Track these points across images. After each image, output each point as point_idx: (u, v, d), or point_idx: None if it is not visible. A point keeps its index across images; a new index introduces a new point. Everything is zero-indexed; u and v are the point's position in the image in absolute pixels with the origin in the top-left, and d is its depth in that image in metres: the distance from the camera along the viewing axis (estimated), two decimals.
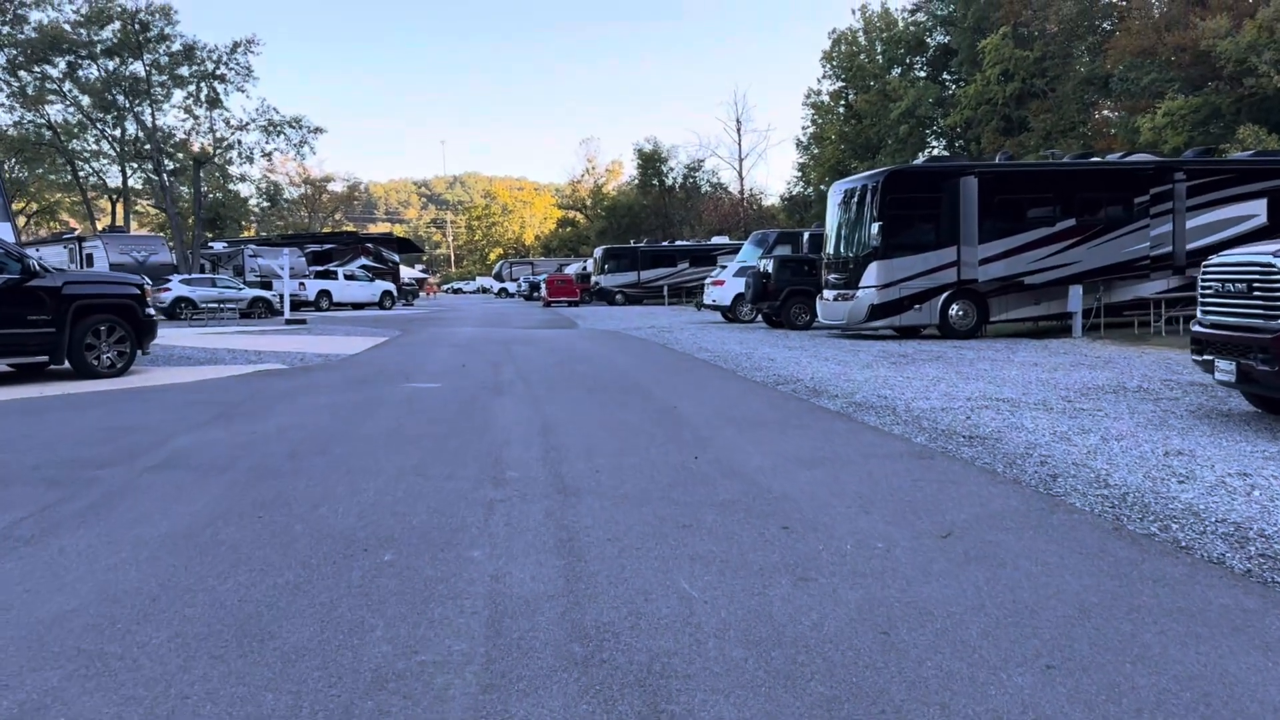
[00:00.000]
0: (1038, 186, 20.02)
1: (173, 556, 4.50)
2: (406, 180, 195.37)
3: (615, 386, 11.43)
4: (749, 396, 10.43)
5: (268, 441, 7.62)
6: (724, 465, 6.44)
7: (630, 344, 19.30)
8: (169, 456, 7.02)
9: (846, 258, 20.61)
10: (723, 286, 28.70)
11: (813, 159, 68.43)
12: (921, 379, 11.73)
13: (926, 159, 21.89)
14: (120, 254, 38.87)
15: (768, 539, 4.63)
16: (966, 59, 53.75)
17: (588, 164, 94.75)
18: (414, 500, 5.50)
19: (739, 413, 9.02)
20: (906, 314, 19.53)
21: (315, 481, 6.04)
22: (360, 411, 9.35)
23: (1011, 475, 6.16)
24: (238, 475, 6.30)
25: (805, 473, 6.15)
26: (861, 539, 4.61)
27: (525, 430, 8.05)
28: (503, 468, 6.43)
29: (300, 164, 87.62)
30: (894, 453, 6.90)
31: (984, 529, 4.80)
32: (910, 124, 56.04)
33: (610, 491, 5.69)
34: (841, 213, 21.07)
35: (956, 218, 19.48)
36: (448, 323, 31.08)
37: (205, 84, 45.11)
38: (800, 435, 7.69)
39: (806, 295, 24.35)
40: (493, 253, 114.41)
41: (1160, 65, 39.27)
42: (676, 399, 10.13)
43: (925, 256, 19.48)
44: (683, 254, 48.82)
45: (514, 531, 4.81)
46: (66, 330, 12.59)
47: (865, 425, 8.24)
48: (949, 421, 8.32)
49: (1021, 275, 19.44)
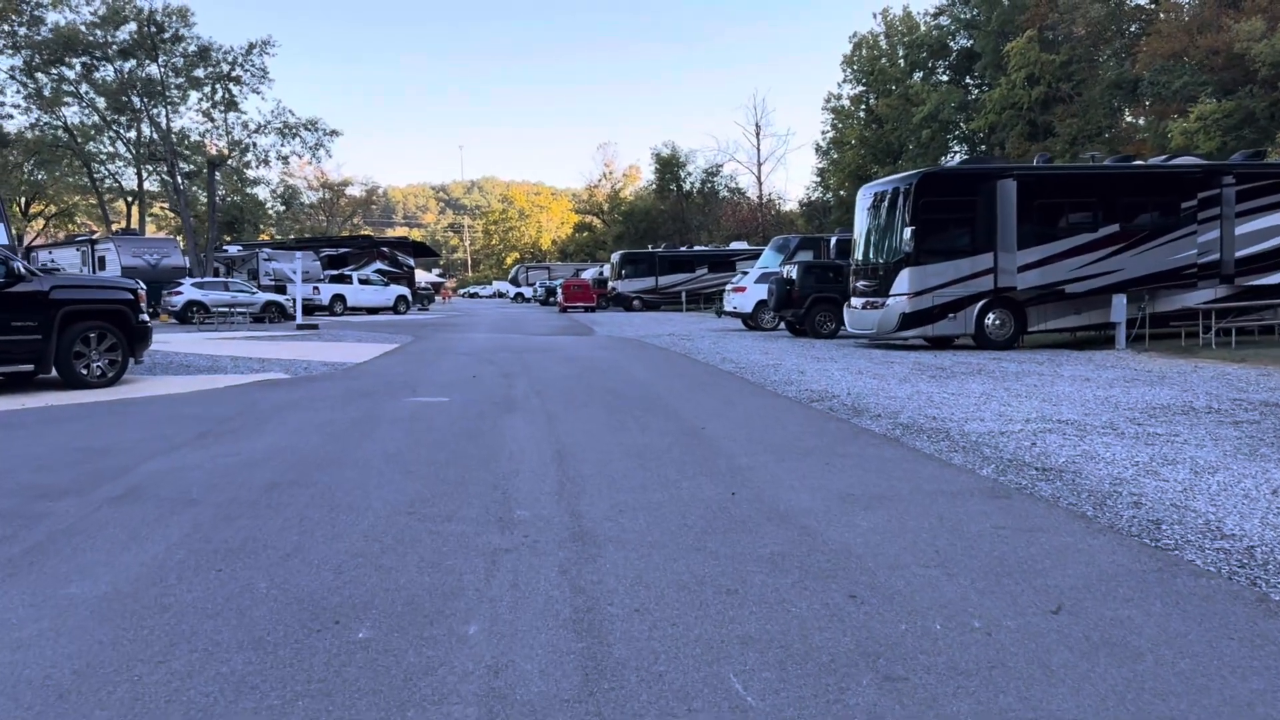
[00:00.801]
0: (1079, 190, 19.03)
1: (104, 627, 3.67)
2: (424, 185, 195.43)
3: (636, 402, 10.56)
4: (783, 416, 9.54)
5: (249, 467, 6.79)
6: (766, 504, 5.56)
7: (650, 353, 18.44)
8: (135, 486, 6.20)
9: (876, 264, 19.68)
10: (744, 293, 27.78)
11: (832, 164, 67.51)
12: (968, 396, 10.80)
13: (961, 161, 20.87)
14: (133, 257, 38.35)
15: (833, 611, 3.74)
16: (991, 63, 52.69)
17: (605, 168, 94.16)
18: (404, 549, 4.65)
19: (775, 436, 8.13)
20: (940, 323, 18.57)
21: (292, 521, 5.20)
22: (357, 431, 8.52)
23: (1105, 520, 5.25)
24: (206, 511, 5.47)
25: (863, 516, 5.26)
26: (951, 614, 3.72)
27: (538, 456, 7.19)
28: (511, 505, 5.57)
29: (318, 168, 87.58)
30: (962, 489, 5.99)
31: (1099, 600, 3.90)
32: (933, 128, 55.00)
33: (636, 539, 4.82)
34: (871, 217, 20.14)
35: (993, 222, 18.52)
36: (461, 329, 30.31)
37: (220, 86, 44.59)
38: (848, 466, 6.79)
39: (832, 303, 23.44)
40: (509, 257, 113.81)
41: (1192, 68, 38.21)
42: (704, 418, 9.25)
43: (960, 263, 18.52)
44: (701, 259, 47.88)
45: (521, 597, 3.94)
46: (53, 337, 11.84)
47: (919, 453, 7.33)
48: (1013, 449, 7.41)
49: (1062, 283, 18.45)
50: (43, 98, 45.97)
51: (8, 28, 44.50)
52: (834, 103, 67.89)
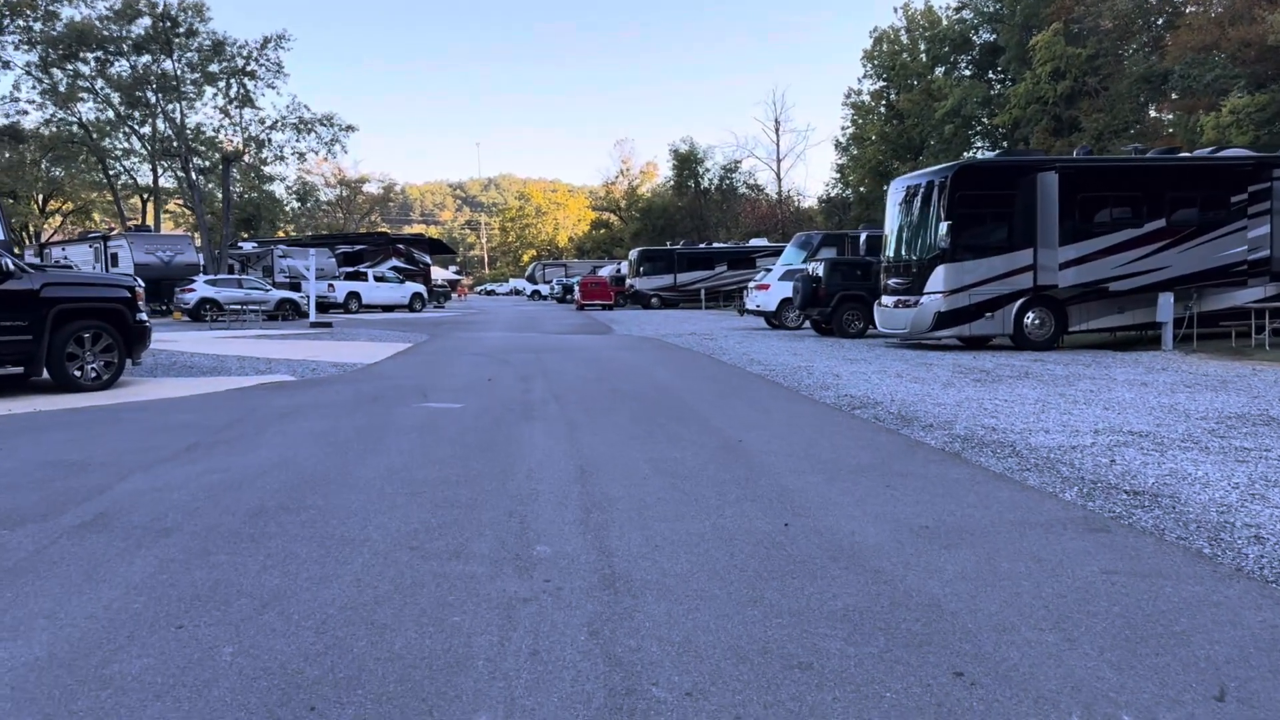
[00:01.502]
0: (1124, 183, 18.11)
1: (23, 713, 2.93)
2: (442, 183, 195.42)
3: (664, 409, 9.79)
4: (826, 426, 8.74)
5: (237, 487, 6.06)
6: (826, 538, 4.78)
7: (673, 354, 17.65)
8: (105, 510, 5.48)
9: (909, 261, 18.82)
10: (768, 291, 26.94)
11: (852, 160, 66.56)
12: (1022, 403, 9.97)
13: (999, 153, 19.98)
14: (146, 254, 37.90)
15: (938, 697, 2.96)
16: (1015, 57, 51.54)
17: (622, 165, 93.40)
18: (402, 599, 3.90)
19: (822, 451, 7.33)
20: (976, 323, 17.71)
21: (274, 560, 4.46)
22: (360, 442, 7.78)
23: (1228, 561, 4.44)
24: (179, 544, 4.74)
25: (945, 557, 4.47)
26: (1089, 701, 2.93)
27: (558, 474, 6.43)
28: (529, 538, 4.81)
29: (336, 165, 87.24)
30: (1050, 519, 5.19)
31: (1267, 680, 3.11)
32: (956, 123, 53.89)
33: (678, 585, 4.05)
34: (903, 211, 19.29)
35: (1033, 217, 17.64)
36: (477, 327, 29.62)
37: (235, 81, 44.08)
38: (911, 488, 5.99)
39: (860, 301, 22.61)
40: (526, 254, 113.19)
41: (1224, 61, 37.12)
42: (739, 428, 8.46)
43: (997, 260, 17.66)
44: (720, 256, 47.05)
45: (542, 672, 3.17)
46: (45, 338, 11.17)
47: (988, 472, 6.52)
48: (1091, 466, 6.60)
49: (1105, 281, 17.55)
50: (58, 93, 45.60)
51: (23, 23, 44.18)
52: (854, 98, 66.95)
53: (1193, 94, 38.93)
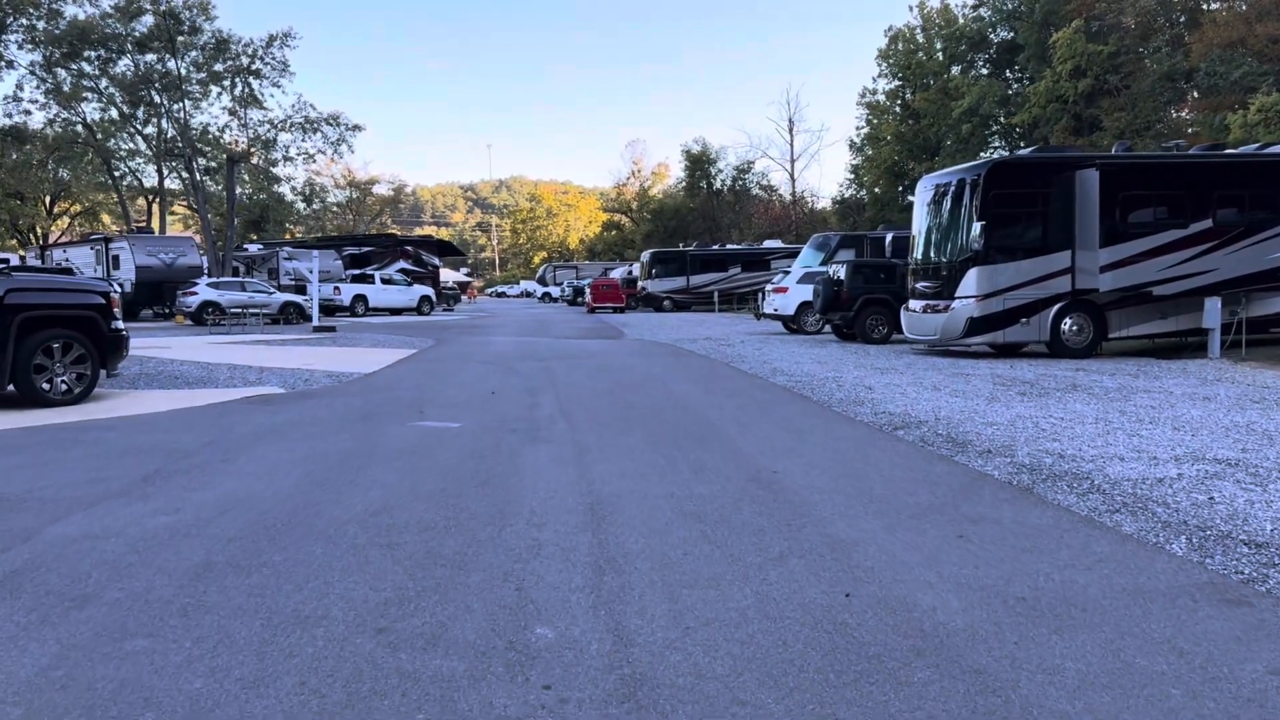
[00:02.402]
0: (1169, 181, 17.04)
1: None
2: (453, 184, 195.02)
3: (683, 429, 8.82)
4: (869, 451, 7.76)
5: (185, 534, 5.12)
6: (901, 617, 3.81)
7: (689, 362, 16.68)
8: (20, 567, 4.55)
9: (938, 263, 17.82)
10: (786, 294, 25.92)
11: (867, 160, 65.52)
12: (1081, 421, 8.97)
13: (1034, 149, 18.96)
14: (147, 256, 37.15)
15: None
16: (1034, 55, 50.40)
17: (634, 166, 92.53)
18: (355, 717, 2.95)
19: (872, 485, 6.34)
20: (1011, 329, 16.68)
21: (204, 648, 3.51)
22: (340, 473, 6.83)
23: None
24: (92, 621, 3.80)
25: (1059, 648, 3.48)
26: None
27: (565, 517, 5.47)
28: (528, 614, 3.85)
29: (345, 166, 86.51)
30: (1171, 587, 4.19)
31: None
32: (973, 123, 52.75)
33: (720, 694, 3.08)
34: (932, 212, 18.27)
35: (1071, 217, 16.62)
36: (485, 331, 28.70)
37: (240, 79, 43.27)
38: (989, 540, 5.01)
39: (884, 305, 21.60)
40: (537, 256, 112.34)
41: (1251, 58, 36.01)
42: (771, 454, 7.49)
43: (1033, 262, 16.64)
44: (734, 258, 46.05)
45: None
46: (9, 348, 10.26)
47: (1074, 515, 5.53)
48: (1189, 506, 5.60)
49: (1149, 285, 16.50)
50: (61, 93, 44.90)
51: (26, 21, 43.51)
52: (869, 98, 65.90)
53: (1218, 92, 37.86)
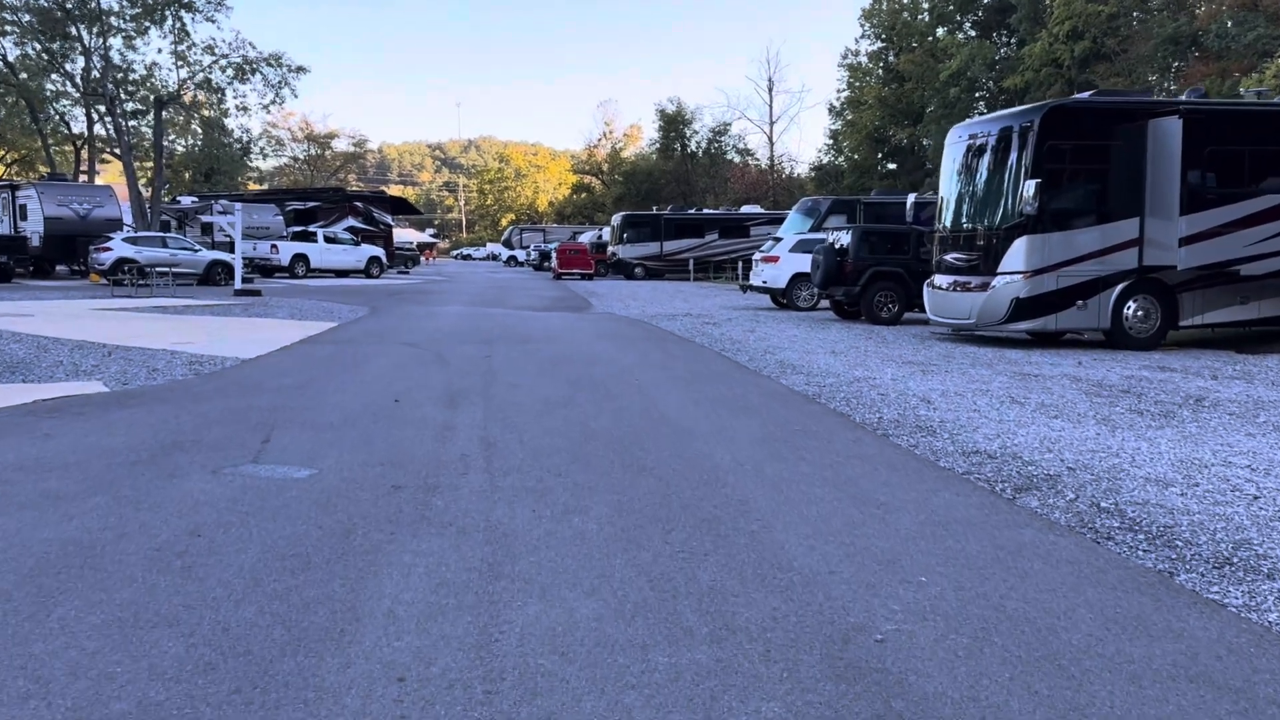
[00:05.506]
0: (1267, 136, 13.90)
1: None
2: (420, 143, 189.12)
3: (678, 495, 5.48)
4: (1024, 564, 4.50)
5: None
6: None
7: (671, 350, 13.32)
8: None
9: (974, 230, 14.59)
10: (777, 264, 22.58)
11: (847, 125, 62.17)
12: (1269, 470, 5.78)
13: (1094, 93, 15.65)
14: (58, 206, 33.09)
15: None
16: (1026, 15, 47.12)
17: (605, 127, 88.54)
18: None
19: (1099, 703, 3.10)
20: (1065, 313, 13.53)
21: None
22: (18, 613, 3.48)
23: None
24: None
25: None
26: None
27: None
28: None
29: (303, 119, 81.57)
30: None
31: None
32: (960, 86, 49.45)
33: None
34: (966, 168, 14.99)
35: (1141, 177, 13.44)
36: (434, 299, 25.13)
37: (170, 11, 38.89)
38: None
39: (895, 279, 18.41)
40: (505, 218, 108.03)
41: (1266, 19, 33.28)
42: (851, 572, 4.19)
43: (1095, 232, 13.48)
44: (711, 224, 42.69)
45: None
46: None
47: None
48: None
49: (1237, 262, 13.43)
50: None
51: None
52: (851, 60, 62.48)
53: (1229, 56, 35.15)
